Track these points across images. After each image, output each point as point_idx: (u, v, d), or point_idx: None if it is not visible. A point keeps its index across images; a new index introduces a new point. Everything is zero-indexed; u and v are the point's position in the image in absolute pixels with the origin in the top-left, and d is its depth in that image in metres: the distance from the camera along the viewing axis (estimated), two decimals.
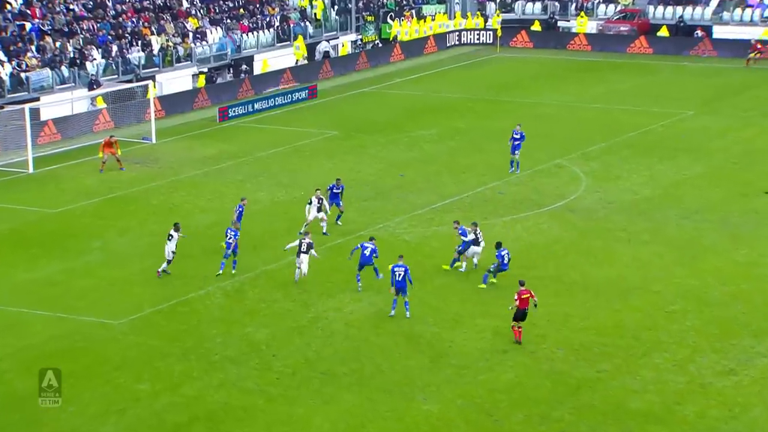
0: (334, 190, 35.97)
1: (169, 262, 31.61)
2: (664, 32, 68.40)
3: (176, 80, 57.09)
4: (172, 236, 31.48)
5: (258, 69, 61.46)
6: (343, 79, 62.73)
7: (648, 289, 30.29)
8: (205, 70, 58.94)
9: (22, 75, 50.54)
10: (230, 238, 31.78)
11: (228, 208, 38.54)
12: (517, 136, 40.24)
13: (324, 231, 34.77)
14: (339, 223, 35.81)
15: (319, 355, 26.96)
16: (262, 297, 30.69)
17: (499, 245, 30.36)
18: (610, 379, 25.24)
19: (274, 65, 61.66)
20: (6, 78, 50.34)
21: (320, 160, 45.42)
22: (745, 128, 47.91)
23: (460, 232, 31.45)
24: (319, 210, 34.73)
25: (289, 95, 56.74)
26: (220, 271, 31.68)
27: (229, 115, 53.20)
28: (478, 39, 71.87)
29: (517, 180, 40.98)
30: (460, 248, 31.45)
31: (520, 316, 26.82)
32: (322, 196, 34.93)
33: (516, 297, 26.81)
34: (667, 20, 69.72)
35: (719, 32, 67.38)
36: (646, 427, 23.02)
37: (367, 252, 30.38)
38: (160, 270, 31.62)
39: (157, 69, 56.60)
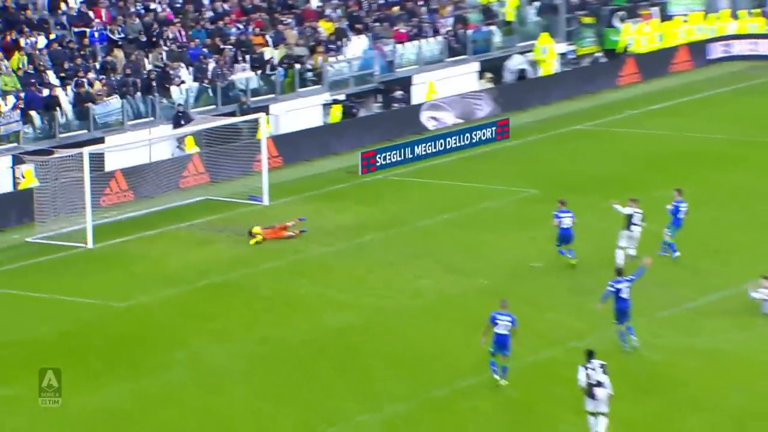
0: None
1: None
2: None
3: (299, 112, 58.01)
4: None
5: (420, 96, 61.71)
6: (547, 111, 62.55)
7: None
8: (342, 97, 59.58)
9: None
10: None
11: (366, 303, 38.50)
12: None
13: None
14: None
15: None
16: None
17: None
18: None
19: (443, 90, 61.88)
20: (68, 108, 51.10)
21: (511, 231, 45.11)
22: None
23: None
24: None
25: (467, 134, 56.80)
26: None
27: (377, 164, 53.65)
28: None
29: None
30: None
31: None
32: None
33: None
34: None
35: None
36: None
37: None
38: None
39: (272, 96, 57.65)
